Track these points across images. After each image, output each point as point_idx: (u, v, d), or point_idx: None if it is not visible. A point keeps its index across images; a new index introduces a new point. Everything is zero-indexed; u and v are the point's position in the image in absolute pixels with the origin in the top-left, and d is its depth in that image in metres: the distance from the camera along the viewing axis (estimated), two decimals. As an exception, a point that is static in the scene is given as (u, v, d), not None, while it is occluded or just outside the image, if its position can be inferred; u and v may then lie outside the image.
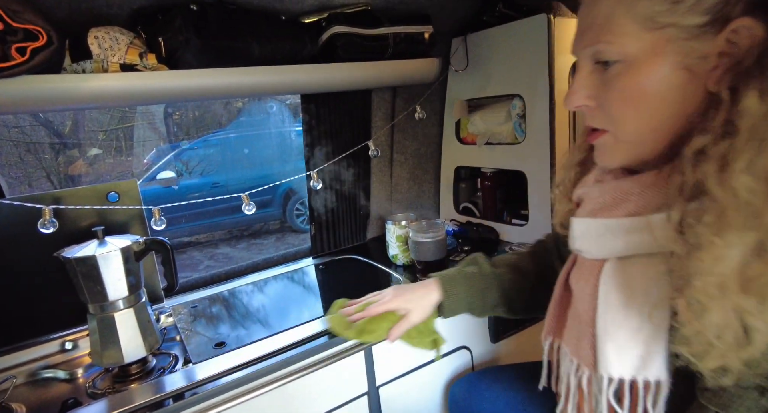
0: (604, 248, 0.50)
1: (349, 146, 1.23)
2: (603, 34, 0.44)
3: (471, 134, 1.38)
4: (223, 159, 5.19)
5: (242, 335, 0.91)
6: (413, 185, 1.49)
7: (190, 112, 6.97)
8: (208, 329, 0.94)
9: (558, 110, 1.12)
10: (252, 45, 0.89)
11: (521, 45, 1.14)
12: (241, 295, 1.12)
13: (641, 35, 0.42)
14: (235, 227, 4.94)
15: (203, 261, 4.28)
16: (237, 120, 6.19)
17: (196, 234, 4.87)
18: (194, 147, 5.20)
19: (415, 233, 1.09)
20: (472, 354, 1.08)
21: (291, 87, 1.02)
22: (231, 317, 1.00)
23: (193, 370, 0.78)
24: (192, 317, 1.01)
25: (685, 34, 0.41)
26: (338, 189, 1.33)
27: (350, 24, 0.99)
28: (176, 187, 4.47)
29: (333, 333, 0.83)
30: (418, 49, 1.10)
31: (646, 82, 0.43)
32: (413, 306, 0.79)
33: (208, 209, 4.48)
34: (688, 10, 0.40)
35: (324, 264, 1.26)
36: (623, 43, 0.42)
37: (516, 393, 0.86)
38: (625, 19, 0.42)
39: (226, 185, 4.66)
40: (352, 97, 1.25)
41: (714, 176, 0.38)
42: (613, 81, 0.44)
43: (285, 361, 0.81)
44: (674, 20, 0.40)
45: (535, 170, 1.18)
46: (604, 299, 0.48)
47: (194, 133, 6.34)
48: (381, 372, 0.95)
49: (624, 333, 0.46)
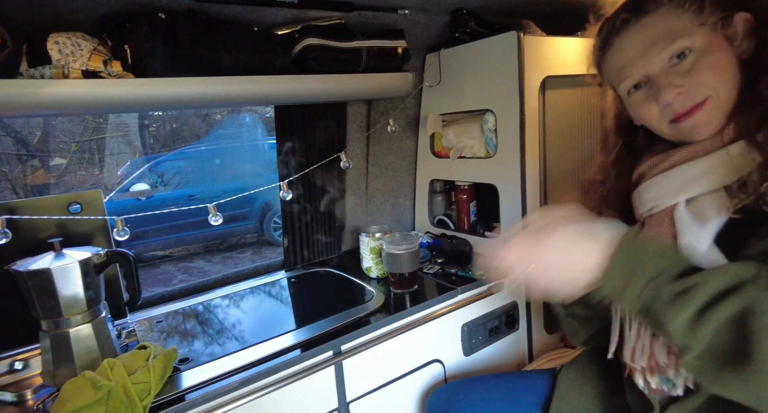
0: (678, 193, 0.62)
1: (323, 158, 1.22)
2: (677, 36, 0.59)
3: (445, 148, 1.39)
4: (200, 171, 5.11)
5: (208, 350, 0.88)
6: (389, 198, 1.49)
7: (167, 124, 6.86)
8: (173, 345, 0.91)
9: (528, 125, 1.14)
10: (222, 55, 0.89)
11: (492, 61, 1.17)
12: (209, 309, 1.08)
13: (697, 30, 0.59)
14: (210, 241, 4.84)
15: (177, 275, 4.16)
16: (215, 132, 6.12)
17: (171, 248, 4.74)
18: (170, 159, 5.10)
19: (388, 245, 1.09)
20: (444, 367, 1.07)
21: (263, 98, 1.02)
22: (197, 332, 0.97)
23: (153, 388, 0.74)
24: (156, 332, 0.97)
25: (717, 26, 0.59)
26: (313, 201, 1.32)
27: (324, 36, 1.00)
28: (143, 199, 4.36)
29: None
30: (391, 64, 1.11)
31: (719, 55, 0.59)
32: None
33: (183, 223, 4.39)
34: (708, 13, 0.59)
35: (296, 277, 1.24)
36: (693, 37, 0.59)
37: (495, 403, 0.86)
38: (683, 24, 0.60)
39: (202, 197, 4.58)
40: (326, 110, 1.25)
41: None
42: (698, 63, 0.59)
43: (251, 377, 0.78)
44: (704, 20, 0.59)
45: (507, 184, 1.20)
46: (683, 224, 0.60)
47: (171, 145, 6.24)
48: (351, 388, 0.93)
49: (701, 240, 0.57)
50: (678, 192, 0.62)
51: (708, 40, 0.59)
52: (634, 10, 0.63)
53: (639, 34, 0.62)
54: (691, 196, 0.61)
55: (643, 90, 0.64)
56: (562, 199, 1.24)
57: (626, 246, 0.52)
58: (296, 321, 0.99)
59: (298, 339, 0.89)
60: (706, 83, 0.59)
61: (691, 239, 0.58)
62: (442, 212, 1.53)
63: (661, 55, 0.60)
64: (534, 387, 0.88)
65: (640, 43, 0.62)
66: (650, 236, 0.54)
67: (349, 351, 0.90)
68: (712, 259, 0.56)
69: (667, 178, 0.64)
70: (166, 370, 0.74)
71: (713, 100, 0.59)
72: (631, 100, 0.67)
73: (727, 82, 0.59)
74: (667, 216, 0.63)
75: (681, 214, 0.61)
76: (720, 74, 0.59)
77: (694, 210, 0.60)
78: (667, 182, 0.64)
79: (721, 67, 0.59)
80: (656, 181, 0.66)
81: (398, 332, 0.97)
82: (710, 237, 0.57)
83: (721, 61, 0.59)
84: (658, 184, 0.65)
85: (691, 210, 0.60)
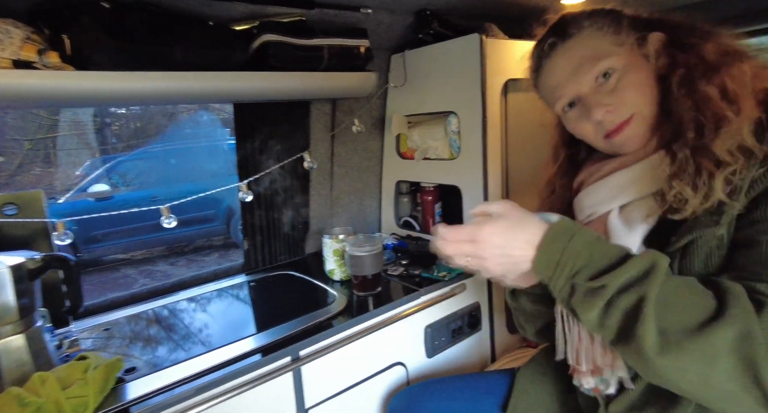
0: (612, 200, 0.66)
1: (286, 158, 1.19)
2: (600, 57, 0.63)
3: (410, 149, 1.39)
4: (164, 172, 4.94)
5: (159, 358, 0.83)
6: (354, 199, 1.47)
7: (131, 122, 6.60)
8: (120, 353, 0.86)
9: (490, 127, 1.15)
10: (174, 49, 0.85)
11: (456, 64, 1.18)
12: (163, 315, 1.03)
13: (618, 51, 0.64)
14: (175, 244, 4.68)
15: (138, 279, 4.01)
16: (181, 132, 5.94)
17: (133, 251, 4.56)
18: (132, 159, 4.91)
19: (351, 247, 1.07)
20: (407, 369, 1.06)
21: (219, 95, 0.98)
22: (149, 339, 0.92)
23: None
24: (102, 341, 0.92)
25: (635, 46, 0.64)
26: (275, 202, 1.28)
27: (283, 33, 0.97)
28: (92, 200, 4.17)
29: None
30: (354, 63, 1.09)
31: (640, 74, 0.63)
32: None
33: (146, 225, 4.23)
34: (626, 34, 0.64)
35: (257, 281, 1.20)
36: (615, 57, 0.63)
37: (456, 404, 0.86)
38: (605, 46, 0.64)
39: (166, 198, 4.43)
40: (289, 108, 1.22)
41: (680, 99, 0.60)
42: (621, 82, 0.63)
43: (204, 386, 0.75)
44: (624, 41, 0.64)
45: (469, 185, 1.20)
46: (615, 229, 0.63)
47: (134, 144, 6.00)
48: (311, 394, 0.90)
49: (630, 243, 0.61)
50: (612, 199, 0.66)
51: (628, 59, 0.63)
52: (560, 34, 0.67)
53: (566, 56, 0.66)
54: (623, 203, 0.65)
55: (577, 108, 0.68)
56: (524, 201, 1.25)
57: (552, 242, 0.55)
58: (254, 326, 0.96)
59: (255, 344, 0.85)
60: (630, 101, 0.63)
61: (621, 243, 0.61)
62: (408, 213, 1.52)
63: (588, 76, 0.64)
64: (494, 387, 0.88)
65: (568, 65, 0.66)
66: (579, 232, 0.55)
67: (308, 356, 0.87)
68: None
69: (602, 186, 0.69)
70: (108, 382, 0.70)
71: (638, 116, 0.63)
72: (567, 118, 0.70)
73: (648, 99, 0.63)
74: (603, 222, 0.67)
75: (614, 220, 0.65)
76: (641, 92, 0.63)
77: (626, 216, 0.64)
78: (602, 190, 0.68)
79: (642, 85, 0.63)
80: (593, 189, 0.70)
81: (360, 335, 0.95)
82: (638, 241, 0.61)
83: (642, 80, 0.63)
84: (595, 192, 0.70)
85: (623, 216, 0.64)
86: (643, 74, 0.63)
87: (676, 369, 0.47)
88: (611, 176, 0.68)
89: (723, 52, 0.59)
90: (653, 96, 0.63)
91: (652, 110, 0.63)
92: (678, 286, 0.50)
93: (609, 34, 0.64)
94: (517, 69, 1.19)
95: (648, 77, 0.63)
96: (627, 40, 0.64)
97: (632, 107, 0.63)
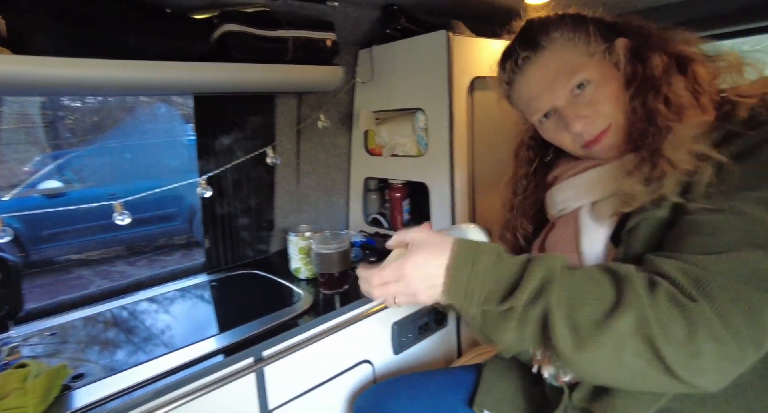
0: (583, 197, 0.68)
1: (249, 153, 1.16)
2: (575, 70, 0.64)
3: (378, 146, 1.38)
4: (123, 168, 4.72)
5: (111, 363, 0.79)
6: (322, 196, 1.45)
7: (87, 116, 6.26)
8: (66, 359, 0.81)
9: (457, 125, 1.16)
10: (127, 37, 0.80)
11: (423, 60, 1.17)
12: (116, 317, 0.98)
13: (590, 61, 0.65)
14: (135, 243, 4.48)
15: (94, 280, 3.81)
16: (142, 127, 5.69)
17: (89, 251, 4.33)
18: (88, 154, 4.66)
19: (318, 244, 1.05)
20: (373, 367, 1.05)
21: (178, 86, 0.94)
22: (101, 343, 0.87)
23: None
24: (51, 346, 0.86)
25: (605, 54, 0.65)
26: (238, 199, 1.24)
27: (245, 23, 0.94)
28: (42, 197, 3.93)
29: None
30: (320, 56, 1.07)
31: (613, 85, 0.64)
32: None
33: (103, 223, 4.02)
34: (595, 42, 0.65)
35: (218, 281, 1.16)
36: (589, 69, 0.64)
37: (422, 401, 0.86)
38: (578, 58, 0.65)
39: (125, 196, 4.23)
40: (252, 102, 1.18)
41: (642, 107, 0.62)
42: (596, 94, 0.64)
43: (160, 390, 0.71)
44: (594, 49, 0.65)
45: (437, 182, 1.21)
46: (584, 224, 0.65)
47: (91, 139, 5.69)
48: (274, 395, 0.88)
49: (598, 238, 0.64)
50: (584, 196, 0.68)
51: (601, 69, 0.64)
52: (531, 46, 0.67)
53: (540, 70, 0.67)
54: (595, 199, 0.67)
55: (553, 119, 0.69)
56: (489, 197, 1.27)
57: (457, 268, 0.56)
58: (216, 326, 0.93)
59: (217, 346, 0.82)
60: (606, 112, 0.64)
61: (591, 237, 0.65)
62: (376, 210, 1.51)
63: (564, 89, 0.65)
64: (460, 383, 0.89)
65: (543, 78, 0.66)
66: (478, 252, 0.56)
67: (272, 356, 0.85)
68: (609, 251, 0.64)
69: (575, 183, 0.71)
70: (51, 390, 0.65)
71: (615, 126, 0.65)
72: (544, 128, 0.71)
73: (622, 108, 0.64)
74: (574, 217, 0.69)
75: (584, 215, 0.67)
76: (616, 102, 0.64)
77: (596, 213, 0.66)
78: (575, 187, 0.71)
79: (616, 95, 0.64)
80: (566, 185, 0.72)
81: (326, 334, 0.93)
82: (604, 237, 0.64)
83: (615, 89, 0.64)
84: (568, 188, 0.72)
85: (593, 212, 0.66)
86: (615, 84, 0.64)
87: (593, 361, 0.50)
88: (584, 174, 0.70)
89: (669, 64, 0.61)
90: (625, 104, 0.64)
91: (625, 119, 0.64)
92: (578, 283, 0.53)
93: (580, 44, 0.65)
94: (484, 67, 1.21)
95: (618, 87, 0.65)
96: (597, 49, 0.65)
97: (609, 118, 0.64)
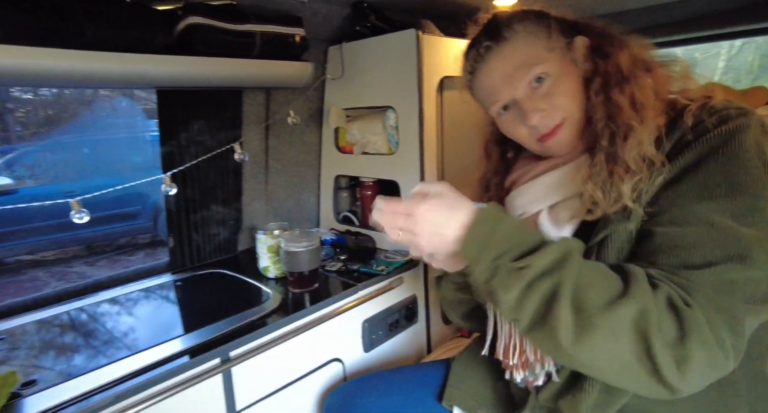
0: (541, 200, 0.69)
1: (215, 149, 1.13)
2: (534, 63, 0.65)
3: (349, 143, 1.38)
4: (82, 164, 4.50)
5: (67, 368, 0.75)
6: (292, 194, 1.43)
7: (41, 109, 5.93)
8: (16, 366, 0.76)
9: (427, 123, 1.17)
10: (85, 26, 0.77)
11: (393, 58, 1.18)
12: (73, 320, 0.94)
13: (550, 56, 0.66)
14: (95, 243, 4.29)
15: (50, 282, 3.62)
16: (103, 121, 5.43)
17: (44, 251, 4.11)
18: (42, 150, 4.42)
19: (287, 243, 1.04)
20: (344, 365, 1.05)
21: (141, 79, 0.90)
22: (56, 347, 0.83)
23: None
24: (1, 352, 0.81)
25: (565, 50, 0.67)
26: (204, 196, 1.21)
27: (211, 16, 0.91)
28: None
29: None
30: (288, 52, 1.06)
31: (571, 80, 0.66)
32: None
33: (59, 222, 3.82)
34: (556, 38, 0.67)
35: (183, 280, 1.12)
36: (548, 63, 0.65)
37: (391, 398, 0.86)
38: (538, 52, 0.66)
39: (84, 193, 4.04)
40: (218, 96, 1.15)
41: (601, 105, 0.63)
42: (553, 88, 0.65)
43: (122, 393, 0.69)
44: (554, 45, 0.66)
45: (407, 181, 1.22)
46: (544, 228, 0.66)
47: (45, 133, 5.40)
48: (242, 396, 0.86)
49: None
50: (542, 200, 0.69)
51: (560, 64, 0.66)
52: (493, 37, 0.68)
53: (501, 61, 0.67)
54: (552, 203, 0.68)
55: (511, 111, 0.70)
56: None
57: (481, 224, 0.56)
58: (180, 328, 0.90)
59: (182, 346, 0.80)
60: (561, 106, 0.65)
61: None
62: (347, 208, 1.51)
63: (523, 81, 0.66)
64: (430, 378, 0.90)
65: (503, 70, 0.67)
66: (506, 218, 0.57)
67: (240, 356, 0.84)
68: None
69: (533, 187, 0.72)
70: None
71: (569, 121, 0.66)
72: (502, 121, 0.72)
73: (577, 104, 0.66)
74: (533, 221, 0.69)
75: (543, 219, 0.68)
76: (572, 97, 0.65)
77: (554, 216, 0.67)
78: (532, 191, 0.71)
79: (572, 90, 0.65)
80: (524, 189, 0.73)
81: (295, 333, 0.92)
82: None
83: (572, 85, 0.66)
84: (526, 192, 0.72)
85: (552, 216, 0.67)
86: (573, 80, 0.66)
87: (587, 347, 0.50)
88: (541, 178, 0.71)
89: (634, 63, 0.62)
90: (581, 101, 0.65)
91: (580, 115, 0.66)
92: (590, 269, 0.54)
93: (541, 38, 0.66)
94: (453, 67, 1.22)
95: (577, 83, 0.66)
96: (557, 44, 0.66)
97: (563, 112, 0.65)
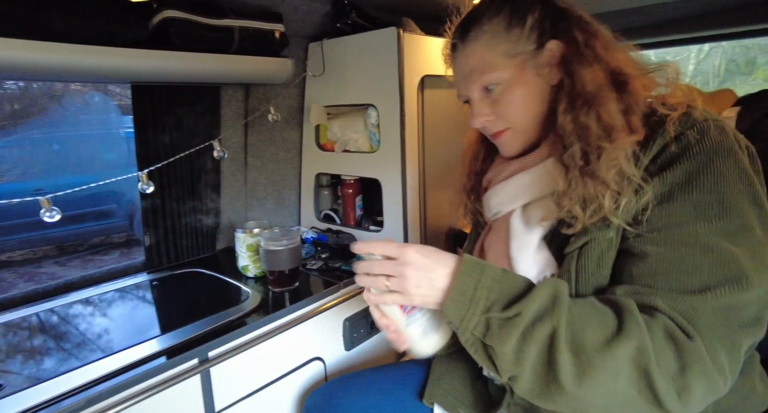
0: (514, 200, 0.69)
1: (193, 146, 1.10)
2: (485, 70, 0.64)
3: (330, 141, 1.37)
4: (51, 161, 4.34)
5: (34, 373, 0.73)
6: (272, 192, 1.41)
7: (5, 103, 5.69)
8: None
9: (408, 121, 1.17)
10: (52, 17, 0.74)
11: (374, 56, 1.18)
12: (43, 322, 0.90)
13: (507, 63, 0.64)
14: (66, 242, 4.14)
15: (17, 283, 3.48)
16: (74, 117, 5.24)
17: (11, 251, 3.95)
18: (7, 146, 4.24)
19: (266, 241, 1.02)
20: (325, 364, 1.05)
21: (111, 73, 0.88)
22: (21, 351, 0.80)
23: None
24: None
25: (530, 56, 0.64)
26: (181, 194, 1.18)
27: (188, 10, 0.89)
28: None
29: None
30: (268, 48, 1.04)
31: (521, 91, 0.65)
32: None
33: (28, 221, 3.68)
34: (524, 42, 0.64)
35: (160, 280, 1.10)
36: (500, 71, 0.64)
37: (372, 397, 0.86)
38: (494, 57, 0.64)
39: (54, 191, 3.90)
40: (196, 92, 1.13)
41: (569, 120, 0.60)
42: (502, 97, 0.65)
43: (95, 396, 0.67)
44: (519, 50, 0.64)
45: (389, 178, 1.22)
46: (514, 228, 0.67)
47: (10, 128, 5.18)
48: (221, 397, 0.85)
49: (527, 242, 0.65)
50: (515, 199, 0.70)
51: (515, 73, 0.64)
52: (461, 35, 0.68)
53: (464, 59, 0.68)
54: (524, 202, 0.68)
55: (471, 105, 0.71)
56: (439, 194, 1.30)
57: (464, 273, 0.54)
58: (157, 328, 0.88)
59: (159, 347, 0.78)
60: (506, 117, 0.67)
61: (520, 242, 0.66)
62: (328, 206, 1.50)
63: (475, 85, 0.67)
64: (411, 377, 0.90)
65: (462, 69, 0.69)
66: (488, 265, 0.55)
67: (218, 356, 0.82)
68: (540, 258, 0.64)
69: (506, 186, 0.72)
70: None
71: (513, 131, 0.68)
72: (469, 111, 0.73)
73: (528, 114, 0.66)
74: (506, 221, 0.70)
75: (515, 219, 0.68)
76: (520, 109, 0.65)
77: (526, 216, 0.67)
78: (506, 190, 0.72)
79: (524, 100, 0.65)
80: (499, 188, 0.73)
81: (275, 332, 0.91)
82: (536, 241, 0.64)
83: (524, 95, 0.65)
84: (500, 191, 0.73)
85: (524, 216, 0.68)
86: (528, 90, 0.64)
87: (591, 386, 0.49)
88: (514, 178, 0.71)
89: (606, 80, 0.59)
90: (535, 111, 0.65)
91: (531, 124, 0.66)
92: (581, 307, 0.52)
93: (506, 41, 0.64)
94: (434, 65, 1.23)
95: (532, 92, 0.64)
96: (523, 49, 0.63)
97: (507, 123, 0.67)
